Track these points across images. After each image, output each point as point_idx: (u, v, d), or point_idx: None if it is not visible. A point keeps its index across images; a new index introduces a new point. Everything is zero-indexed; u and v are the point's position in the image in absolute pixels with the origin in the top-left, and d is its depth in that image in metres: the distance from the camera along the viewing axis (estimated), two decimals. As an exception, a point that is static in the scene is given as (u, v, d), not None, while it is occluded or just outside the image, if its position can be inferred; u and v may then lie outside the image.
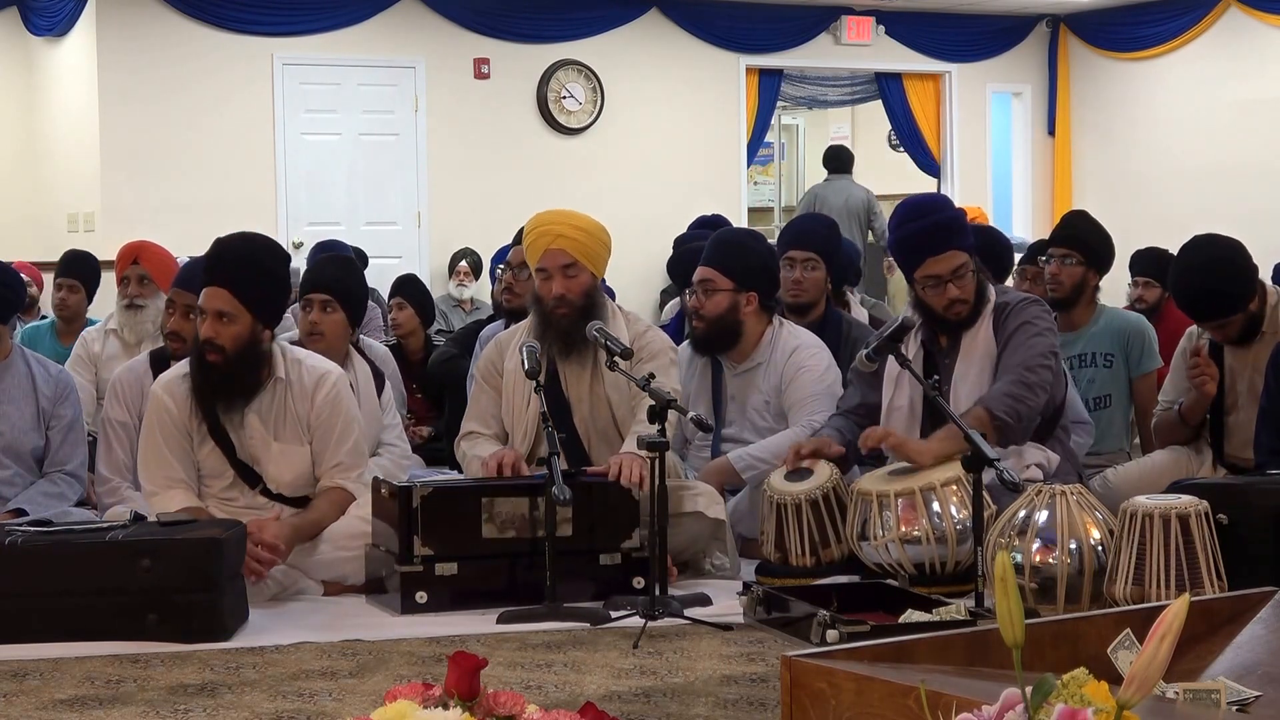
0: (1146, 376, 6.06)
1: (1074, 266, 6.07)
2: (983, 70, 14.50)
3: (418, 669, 3.91)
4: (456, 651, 2.32)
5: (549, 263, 5.09)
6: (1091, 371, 6.02)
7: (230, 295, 4.72)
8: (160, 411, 4.83)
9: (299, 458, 4.86)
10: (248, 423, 4.83)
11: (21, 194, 12.14)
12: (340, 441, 4.89)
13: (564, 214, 5.28)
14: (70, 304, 7.17)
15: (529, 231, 5.23)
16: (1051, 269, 6.13)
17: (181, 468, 4.82)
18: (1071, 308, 6.07)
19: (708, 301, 5.43)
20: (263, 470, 4.86)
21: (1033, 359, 4.88)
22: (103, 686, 3.77)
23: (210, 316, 4.73)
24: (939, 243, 4.95)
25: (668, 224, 10.77)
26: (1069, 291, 6.07)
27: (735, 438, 5.50)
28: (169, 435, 4.82)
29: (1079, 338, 6.06)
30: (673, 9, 13.13)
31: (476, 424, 5.24)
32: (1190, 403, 5.43)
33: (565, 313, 5.05)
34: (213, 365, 4.75)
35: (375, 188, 12.24)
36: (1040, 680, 1.81)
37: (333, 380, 4.92)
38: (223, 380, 4.77)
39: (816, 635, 3.99)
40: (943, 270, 4.94)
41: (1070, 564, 4.28)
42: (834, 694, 2.28)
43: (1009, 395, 4.80)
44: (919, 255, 4.97)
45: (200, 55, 11.65)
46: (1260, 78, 13.11)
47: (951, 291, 4.94)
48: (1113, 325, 6.10)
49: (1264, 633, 2.69)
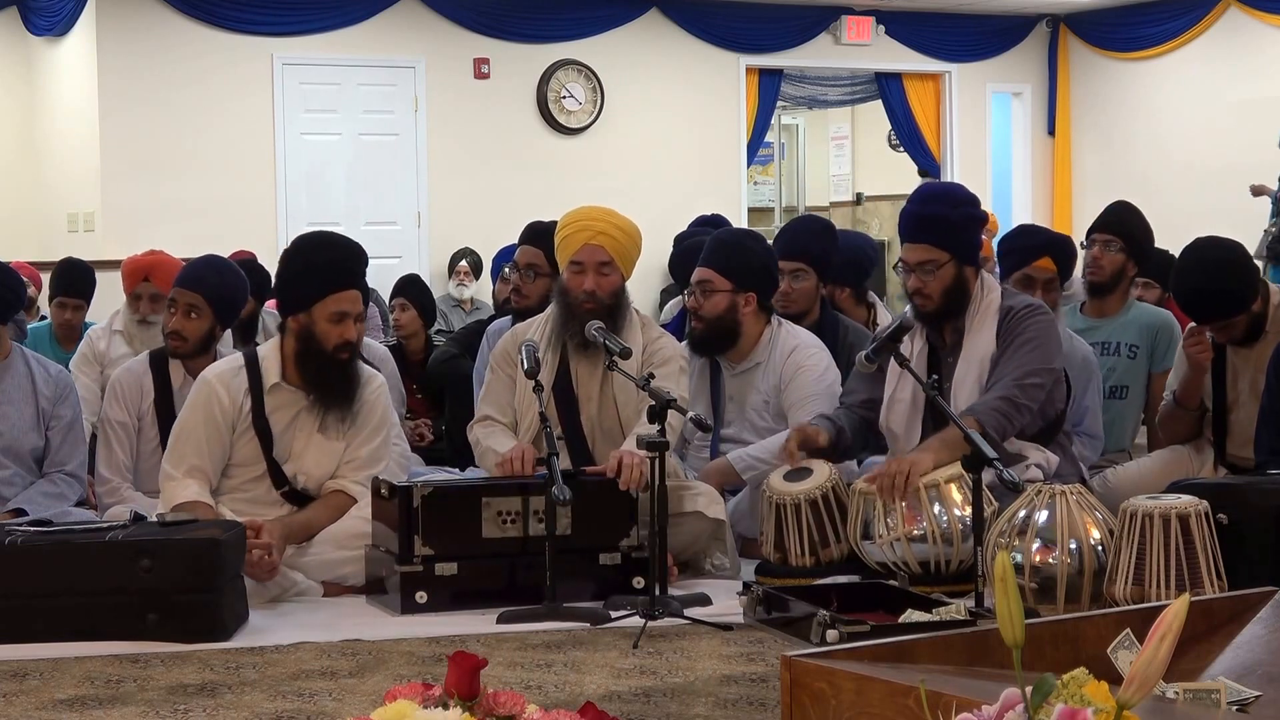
0: (1164, 374, 6.06)
1: (1116, 253, 6.08)
2: (983, 70, 14.51)
3: (418, 669, 3.91)
4: (456, 651, 2.32)
5: (586, 257, 5.10)
6: (1113, 360, 6.02)
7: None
8: (210, 401, 4.84)
9: (334, 454, 4.91)
10: (298, 420, 4.86)
11: (21, 194, 12.14)
12: (366, 441, 4.93)
13: (606, 211, 5.30)
14: (75, 322, 7.15)
15: (569, 223, 5.23)
16: (1094, 253, 6.14)
17: (209, 459, 4.84)
18: (1107, 294, 6.08)
19: (706, 302, 5.43)
20: (296, 464, 4.88)
21: (1026, 375, 4.87)
22: (103, 686, 3.77)
23: (354, 319, 4.83)
24: (915, 232, 5.04)
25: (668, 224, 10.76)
26: (1108, 277, 6.08)
27: (735, 438, 5.50)
28: (211, 425, 4.83)
29: (1106, 325, 6.06)
30: (673, 9, 13.14)
31: (492, 409, 5.23)
32: (1184, 380, 5.40)
33: (593, 308, 5.06)
34: (345, 362, 4.85)
35: (375, 188, 12.24)
36: (1040, 680, 1.81)
37: (379, 382, 5.04)
38: (343, 380, 4.86)
39: (816, 635, 3.99)
40: (910, 259, 5.02)
41: (1070, 564, 4.28)
42: (834, 694, 2.28)
43: (997, 411, 4.80)
44: (901, 236, 5.13)
45: (200, 55, 11.66)
46: (1260, 78, 13.11)
47: (914, 282, 5.01)
48: (1141, 318, 6.10)
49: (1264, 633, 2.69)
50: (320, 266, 4.84)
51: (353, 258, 4.93)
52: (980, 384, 4.94)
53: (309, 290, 4.82)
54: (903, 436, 5.05)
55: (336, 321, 4.80)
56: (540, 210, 7.47)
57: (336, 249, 4.92)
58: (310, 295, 4.81)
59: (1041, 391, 4.90)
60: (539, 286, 5.90)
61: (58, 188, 12.03)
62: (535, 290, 5.93)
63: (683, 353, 5.32)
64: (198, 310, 5.37)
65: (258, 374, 4.87)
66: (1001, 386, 4.86)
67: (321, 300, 4.80)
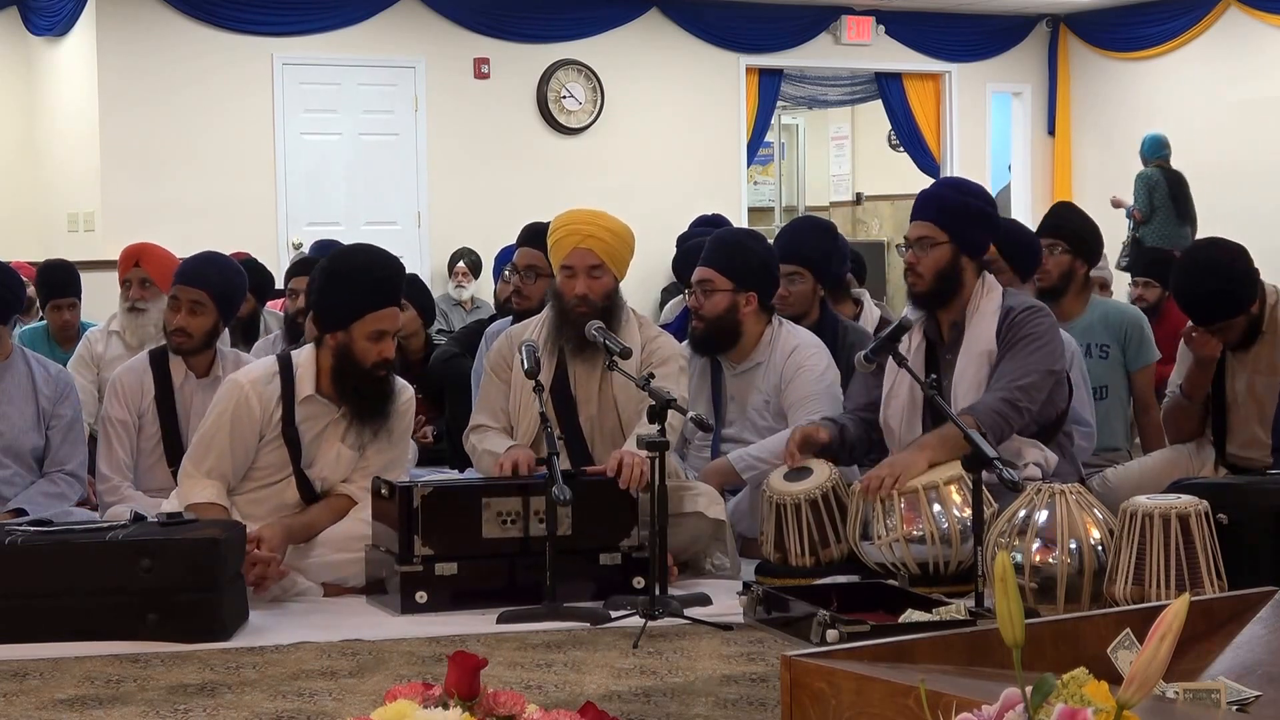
0: (1144, 370, 6.05)
1: (1060, 255, 6.08)
2: (983, 70, 14.51)
3: (418, 669, 3.91)
4: (456, 651, 2.32)
5: (576, 261, 5.11)
6: (1088, 363, 6.02)
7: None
8: (240, 407, 4.82)
9: (355, 462, 4.92)
10: (326, 431, 4.87)
11: (21, 194, 12.14)
12: (385, 451, 4.94)
13: (595, 214, 5.29)
14: (73, 321, 7.14)
15: (558, 227, 5.23)
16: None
17: (230, 463, 4.83)
18: (1060, 297, 6.06)
19: (706, 302, 5.44)
20: (315, 471, 4.88)
21: (1028, 377, 4.87)
22: (103, 686, 3.77)
23: (391, 335, 4.81)
24: (919, 208, 5.16)
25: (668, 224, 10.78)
26: (1056, 281, 6.07)
27: (735, 438, 5.50)
28: (238, 431, 4.82)
29: (1072, 329, 6.05)
30: (673, 9, 13.14)
31: (486, 417, 5.24)
32: (1190, 373, 5.40)
33: (585, 312, 5.06)
34: (383, 379, 4.84)
35: (375, 188, 12.25)
36: (1040, 680, 1.81)
37: (409, 395, 5.02)
38: (379, 396, 4.86)
39: (816, 635, 3.99)
40: (910, 234, 5.12)
41: (1070, 564, 4.28)
42: (834, 694, 2.28)
43: (996, 412, 4.80)
44: (911, 216, 5.25)
45: (200, 55, 11.66)
46: (1260, 78, 13.11)
47: (909, 257, 5.08)
48: (1108, 317, 6.10)
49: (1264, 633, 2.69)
50: (361, 286, 4.79)
51: (393, 275, 4.89)
52: (978, 382, 4.94)
53: (349, 309, 4.77)
54: (900, 432, 5.05)
55: (375, 340, 4.78)
56: (540, 210, 7.47)
57: (376, 268, 4.86)
58: (350, 314, 4.77)
59: (1042, 393, 4.90)
60: (539, 287, 5.90)
61: (58, 188, 12.03)
62: (536, 291, 5.93)
63: (682, 352, 5.32)
64: (201, 306, 5.36)
65: (291, 383, 4.85)
66: (1002, 388, 4.86)
67: (360, 319, 4.77)
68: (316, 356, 4.87)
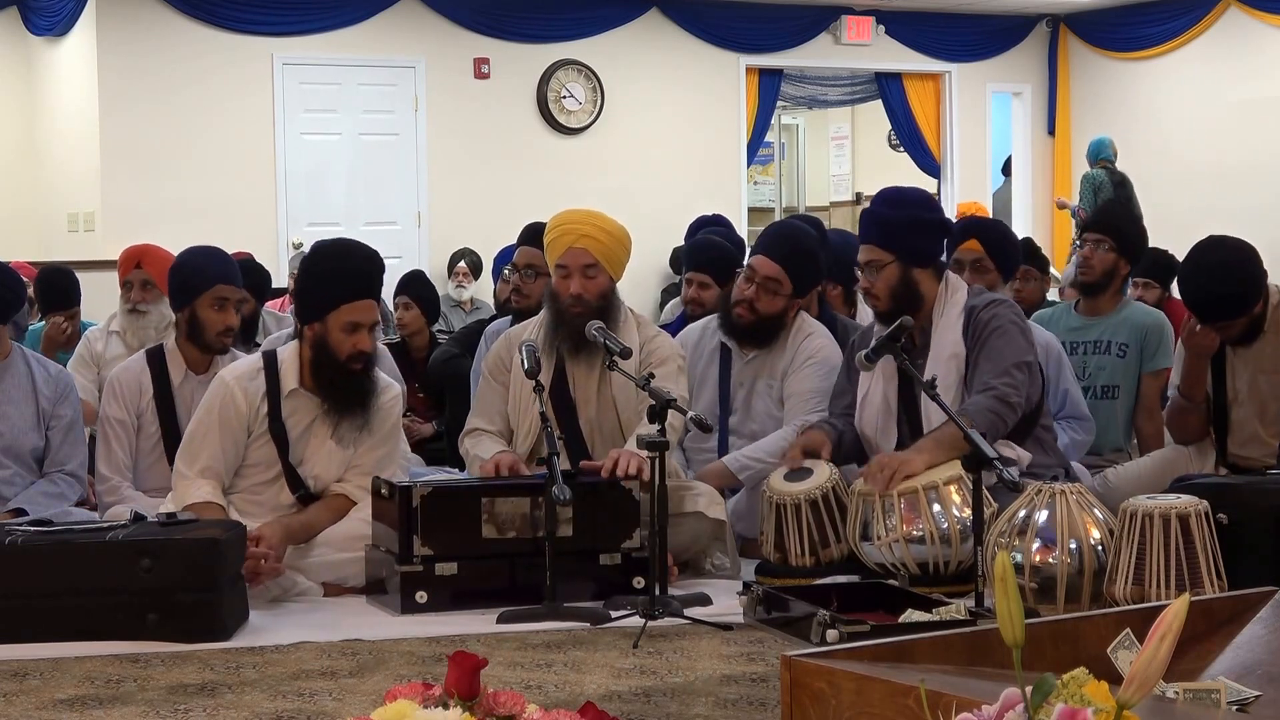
0: (1157, 374, 6.03)
1: (1106, 252, 6.10)
2: (983, 70, 14.51)
3: (418, 669, 3.91)
4: (456, 651, 2.32)
5: (570, 261, 5.10)
6: (1104, 359, 6.02)
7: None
8: (227, 403, 4.84)
9: (346, 460, 4.92)
10: (314, 426, 4.87)
11: (21, 194, 12.15)
12: (374, 448, 4.93)
13: (590, 214, 5.29)
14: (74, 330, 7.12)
15: (553, 227, 5.23)
16: (1084, 252, 6.17)
17: (222, 461, 4.84)
18: (1099, 294, 6.10)
19: (764, 298, 5.42)
20: (309, 469, 4.88)
21: (1006, 369, 4.87)
22: (103, 686, 3.77)
23: (368, 329, 4.82)
24: (863, 232, 5.18)
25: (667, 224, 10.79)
26: (1099, 276, 6.10)
27: (736, 429, 5.50)
28: (227, 428, 4.83)
29: (1099, 324, 6.07)
30: (673, 9, 13.14)
31: (481, 420, 5.24)
32: (1186, 369, 5.39)
33: (580, 312, 5.05)
34: (359, 373, 4.84)
35: (375, 187, 12.25)
36: (1040, 680, 1.81)
37: (394, 392, 5.04)
38: (356, 390, 4.86)
39: (816, 635, 3.99)
40: (860, 258, 5.17)
41: (1070, 564, 4.28)
42: (834, 694, 2.28)
43: (990, 410, 4.79)
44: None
45: (200, 55, 11.67)
46: (1260, 78, 13.11)
47: (863, 282, 5.11)
48: (1133, 318, 6.11)
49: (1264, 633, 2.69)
50: (335, 276, 4.81)
51: (367, 266, 4.90)
52: (949, 385, 4.90)
53: (323, 300, 4.80)
54: (875, 440, 5.04)
55: (350, 332, 4.79)
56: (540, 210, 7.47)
57: (351, 260, 4.89)
58: (324, 305, 4.79)
59: (1024, 382, 4.90)
60: (539, 286, 5.90)
61: (58, 188, 12.03)
62: (536, 290, 5.93)
63: (680, 351, 5.31)
64: (245, 304, 5.41)
65: (276, 378, 4.87)
66: (987, 385, 4.85)
67: (335, 310, 4.78)
68: (299, 350, 4.89)
